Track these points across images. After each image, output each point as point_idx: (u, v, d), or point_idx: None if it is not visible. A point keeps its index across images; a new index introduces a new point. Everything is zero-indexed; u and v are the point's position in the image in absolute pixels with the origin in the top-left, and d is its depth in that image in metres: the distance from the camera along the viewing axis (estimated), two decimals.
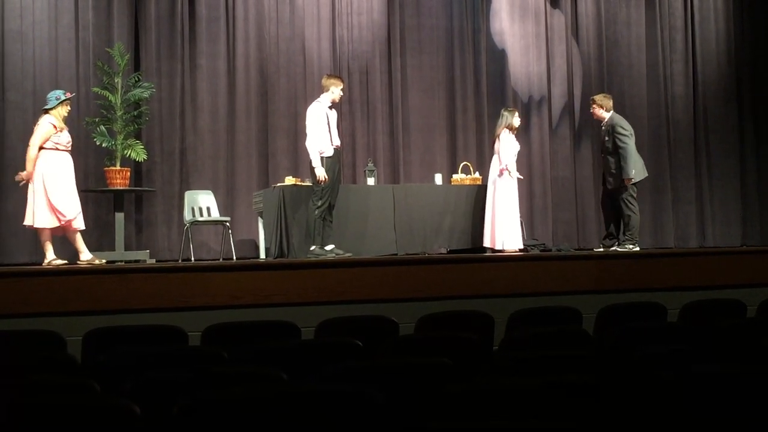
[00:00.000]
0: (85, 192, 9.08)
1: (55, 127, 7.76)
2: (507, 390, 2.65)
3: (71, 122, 8.50)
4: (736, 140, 13.00)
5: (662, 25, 12.89)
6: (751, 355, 3.49)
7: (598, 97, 9.56)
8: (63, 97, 7.89)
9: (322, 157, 8.59)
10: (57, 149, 7.76)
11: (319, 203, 8.55)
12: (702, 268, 7.01)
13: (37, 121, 7.96)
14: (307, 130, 8.72)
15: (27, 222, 7.79)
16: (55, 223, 7.73)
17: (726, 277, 6.78)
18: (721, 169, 12.88)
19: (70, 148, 7.91)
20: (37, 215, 7.70)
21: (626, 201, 9.12)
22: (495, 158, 9.72)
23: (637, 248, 9.10)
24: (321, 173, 8.53)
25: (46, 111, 7.88)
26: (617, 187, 9.13)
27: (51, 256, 7.80)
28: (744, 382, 2.84)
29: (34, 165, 7.68)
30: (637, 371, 3.16)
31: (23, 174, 7.76)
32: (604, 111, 9.36)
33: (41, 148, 7.71)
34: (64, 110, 7.90)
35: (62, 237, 8.18)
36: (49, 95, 8.02)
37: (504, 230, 9.48)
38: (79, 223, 7.92)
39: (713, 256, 7.94)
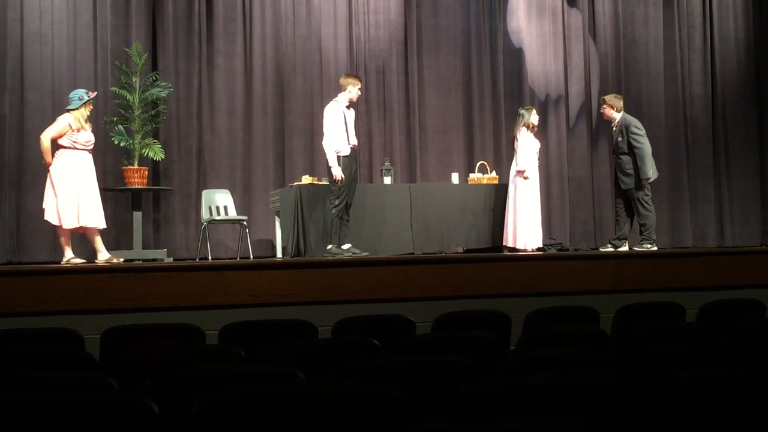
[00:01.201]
0: (103, 191, 9.11)
1: (71, 126, 7.80)
2: (524, 390, 2.65)
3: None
4: (755, 139, 12.92)
5: (680, 24, 12.83)
6: None
7: (609, 97, 9.52)
8: (86, 98, 7.94)
9: (338, 157, 8.61)
10: (75, 148, 7.81)
11: (336, 202, 8.56)
12: (720, 267, 6.97)
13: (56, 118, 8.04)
14: (324, 130, 8.73)
15: (53, 221, 7.85)
16: (71, 224, 7.77)
17: (745, 277, 6.74)
18: (740, 168, 12.80)
19: (90, 147, 7.95)
20: (59, 214, 7.77)
21: (642, 201, 9.08)
22: (515, 158, 9.69)
23: (655, 248, 9.06)
24: (338, 172, 8.55)
25: (68, 111, 7.94)
26: (632, 187, 9.08)
27: (69, 255, 7.85)
28: (762, 382, 2.82)
29: (51, 156, 7.77)
30: (655, 372, 3.15)
31: (45, 164, 7.87)
32: (614, 111, 9.31)
33: (61, 146, 7.78)
34: (86, 110, 7.94)
35: (81, 235, 8.22)
36: (71, 95, 8.07)
37: (525, 230, 9.44)
38: (99, 222, 7.96)
39: (732, 255, 7.90)
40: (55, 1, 10.03)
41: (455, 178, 10.34)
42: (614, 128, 9.35)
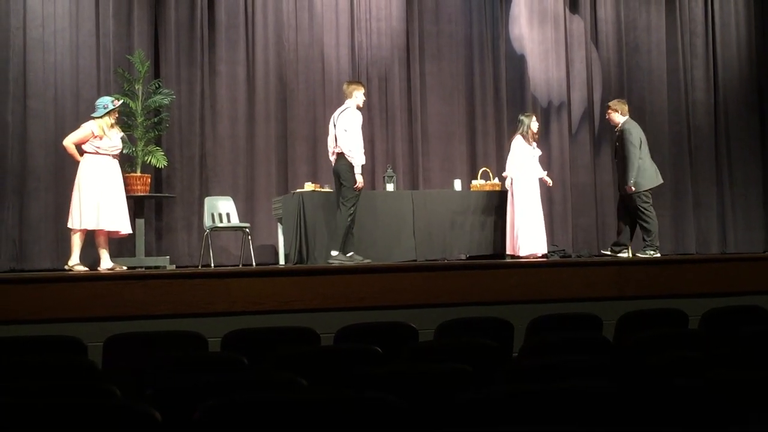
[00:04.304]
0: None
1: (93, 132, 7.97)
2: (526, 397, 2.64)
3: None
4: (757, 146, 12.91)
5: (682, 31, 12.82)
6: None
7: (613, 102, 9.59)
8: (111, 107, 8.15)
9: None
10: (98, 153, 8.01)
11: (352, 210, 8.56)
12: (724, 274, 6.95)
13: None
14: (348, 136, 8.60)
15: (72, 225, 7.99)
16: (87, 224, 7.85)
17: (748, 284, 6.72)
18: (743, 175, 12.78)
19: (114, 153, 8.11)
20: (71, 216, 7.92)
21: (641, 208, 9.07)
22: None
23: (658, 255, 9.05)
24: (361, 180, 8.56)
25: (93, 118, 8.13)
26: (630, 194, 9.08)
27: (75, 260, 7.91)
28: (765, 389, 2.81)
29: (76, 158, 8.01)
30: (658, 379, 3.14)
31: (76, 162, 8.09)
32: (620, 115, 9.34)
33: (85, 152, 7.97)
34: (110, 118, 8.14)
35: (91, 241, 8.23)
36: (97, 102, 8.29)
37: (527, 238, 9.39)
38: (123, 227, 8.10)
39: (735, 262, 7.86)
40: (57, 9, 10.06)
41: (458, 184, 10.33)
42: (616, 132, 9.39)
